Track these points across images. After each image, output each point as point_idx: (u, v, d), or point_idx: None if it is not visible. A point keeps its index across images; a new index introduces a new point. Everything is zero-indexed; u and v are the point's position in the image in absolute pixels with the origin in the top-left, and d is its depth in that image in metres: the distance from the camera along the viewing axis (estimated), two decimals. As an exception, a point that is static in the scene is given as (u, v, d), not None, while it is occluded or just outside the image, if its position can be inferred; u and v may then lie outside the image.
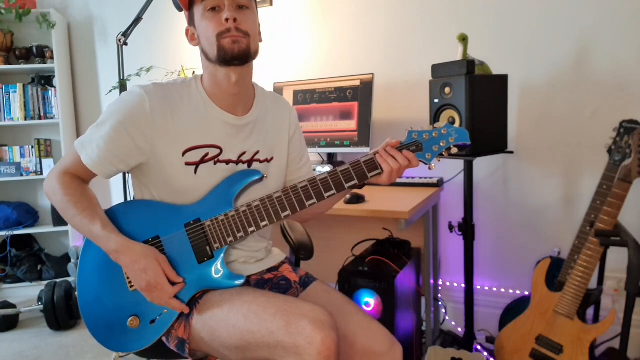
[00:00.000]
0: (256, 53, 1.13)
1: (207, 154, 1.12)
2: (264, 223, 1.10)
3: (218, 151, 1.13)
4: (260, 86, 1.28)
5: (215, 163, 1.13)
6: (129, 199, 2.34)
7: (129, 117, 1.06)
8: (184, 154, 1.10)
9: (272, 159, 1.23)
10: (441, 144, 1.09)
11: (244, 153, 1.17)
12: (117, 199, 3.22)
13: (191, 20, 1.13)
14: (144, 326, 1.10)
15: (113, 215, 1.13)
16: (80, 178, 1.14)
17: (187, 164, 1.11)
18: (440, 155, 1.10)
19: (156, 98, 1.08)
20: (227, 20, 1.06)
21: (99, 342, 1.12)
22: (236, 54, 1.07)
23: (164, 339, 1.12)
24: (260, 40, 1.17)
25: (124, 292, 1.11)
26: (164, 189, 1.13)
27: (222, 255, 1.11)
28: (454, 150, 1.10)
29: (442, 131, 1.09)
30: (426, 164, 1.10)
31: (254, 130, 1.19)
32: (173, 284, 1.07)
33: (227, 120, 1.15)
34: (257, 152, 1.19)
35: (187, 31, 1.15)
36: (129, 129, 1.07)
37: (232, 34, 1.07)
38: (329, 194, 1.08)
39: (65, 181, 1.11)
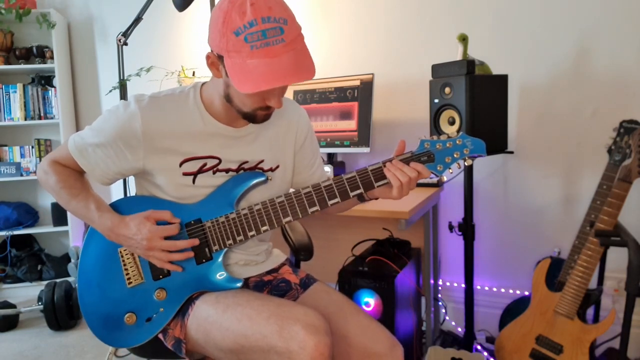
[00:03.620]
0: None
1: (205, 164, 1.11)
2: (264, 228, 1.09)
3: (216, 161, 1.12)
4: None
5: (214, 172, 1.12)
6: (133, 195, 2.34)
7: (121, 135, 1.06)
8: (181, 164, 1.10)
9: (277, 167, 1.20)
10: (455, 155, 1.03)
11: (245, 162, 1.15)
12: (116, 195, 3.21)
13: (222, 60, 0.97)
14: (140, 323, 1.11)
15: (115, 209, 1.14)
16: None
17: (185, 174, 1.10)
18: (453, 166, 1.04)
19: (150, 113, 1.07)
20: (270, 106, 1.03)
21: (96, 336, 1.14)
22: (263, 121, 1.08)
23: (161, 337, 1.13)
24: None
25: (122, 289, 1.12)
26: (164, 192, 1.13)
27: (221, 257, 1.11)
28: (468, 162, 1.04)
29: (457, 142, 1.03)
30: (437, 175, 1.04)
31: (256, 139, 1.16)
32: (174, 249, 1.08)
33: (225, 133, 1.12)
34: (262, 161, 1.17)
35: (208, 57, 1.00)
36: (121, 145, 1.07)
37: (270, 110, 1.05)
38: (332, 201, 1.06)
39: (57, 169, 1.14)
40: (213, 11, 0.97)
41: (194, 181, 1.11)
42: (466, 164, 1.04)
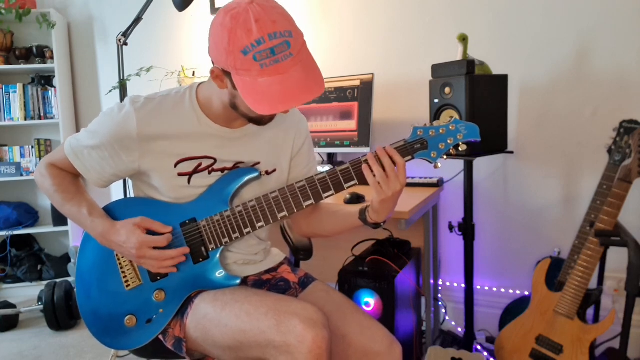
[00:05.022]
0: None
1: (200, 164, 1.11)
2: (259, 224, 1.09)
3: (212, 161, 1.12)
4: None
5: (209, 172, 1.12)
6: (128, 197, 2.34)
7: (116, 136, 1.06)
8: (176, 165, 1.10)
9: (274, 171, 1.20)
10: (448, 141, 1.01)
11: (241, 162, 1.15)
12: (116, 196, 3.21)
13: (229, 75, 0.97)
14: (141, 325, 1.11)
15: (110, 212, 1.14)
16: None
17: (180, 174, 1.10)
18: (448, 153, 1.02)
19: (145, 115, 1.07)
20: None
21: (97, 340, 1.14)
22: (267, 124, 1.09)
23: (161, 337, 1.13)
24: None
25: (120, 291, 1.12)
26: (160, 193, 1.14)
27: (218, 256, 1.11)
28: (463, 148, 1.01)
29: (450, 127, 1.01)
30: (431, 162, 1.02)
31: (252, 141, 1.16)
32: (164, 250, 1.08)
33: (221, 134, 1.12)
34: (258, 163, 1.17)
35: (213, 72, 0.99)
36: (117, 147, 1.07)
37: (275, 115, 1.07)
38: (327, 194, 1.06)
39: (53, 172, 1.15)
40: (214, 27, 0.95)
41: (189, 181, 1.11)
42: (460, 149, 1.02)
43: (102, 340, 1.13)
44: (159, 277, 1.11)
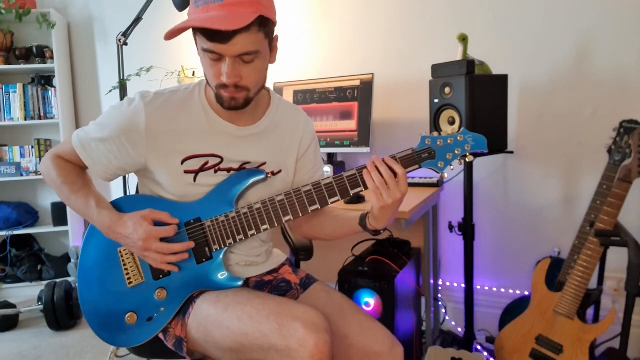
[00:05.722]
0: (258, 93, 1.08)
1: (206, 163, 1.11)
2: (264, 227, 1.09)
3: (218, 160, 1.12)
4: (278, 96, 1.24)
5: (215, 171, 1.12)
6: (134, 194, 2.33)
7: (125, 130, 1.07)
8: (182, 162, 1.10)
9: (279, 171, 1.20)
10: (456, 152, 1.02)
11: (247, 163, 1.15)
12: (116, 193, 3.21)
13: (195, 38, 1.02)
14: (141, 323, 1.11)
15: (116, 208, 1.14)
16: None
17: (186, 172, 1.11)
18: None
19: (154, 110, 1.08)
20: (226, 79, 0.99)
21: (98, 335, 1.14)
22: (232, 108, 1.05)
23: (162, 337, 1.13)
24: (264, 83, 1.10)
25: (122, 288, 1.12)
26: (165, 190, 1.14)
27: (221, 257, 1.11)
28: (470, 159, 1.02)
29: (458, 138, 1.01)
30: (438, 172, 1.03)
31: (259, 141, 1.16)
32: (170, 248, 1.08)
33: (229, 131, 1.12)
34: (264, 164, 1.17)
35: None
36: (124, 141, 1.07)
37: (230, 90, 1.01)
38: (333, 200, 1.06)
39: (59, 163, 1.14)
40: None
41: (195, 179, 1.11)
42: (467, 160, 1.03)
43: (102, 336, 1.13)
44: (161, 276, 1.11)
